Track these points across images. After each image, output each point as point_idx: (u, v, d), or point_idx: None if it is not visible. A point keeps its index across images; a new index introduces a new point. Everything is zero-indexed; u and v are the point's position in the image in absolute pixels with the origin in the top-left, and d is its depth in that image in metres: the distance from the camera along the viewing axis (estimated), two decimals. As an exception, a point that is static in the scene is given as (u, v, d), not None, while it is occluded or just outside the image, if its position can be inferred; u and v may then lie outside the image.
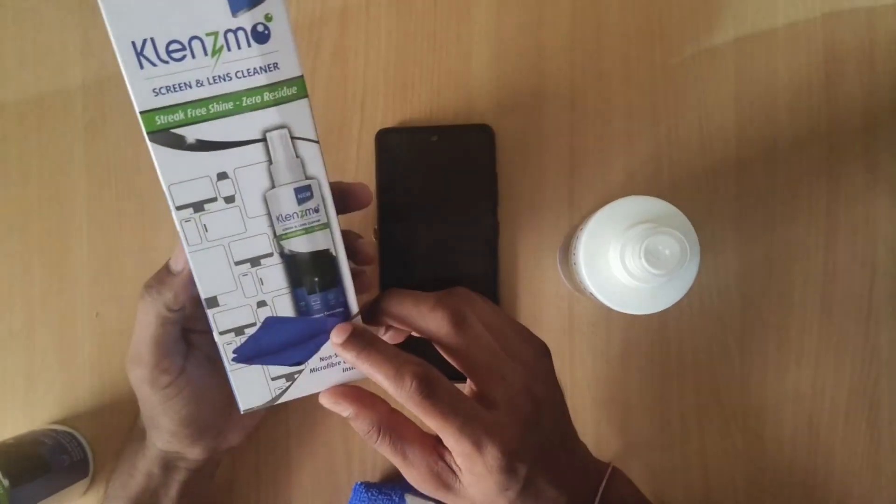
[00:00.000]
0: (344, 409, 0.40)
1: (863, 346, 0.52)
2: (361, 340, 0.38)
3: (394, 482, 0.52)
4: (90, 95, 0.55)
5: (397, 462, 0.40)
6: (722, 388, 0.52)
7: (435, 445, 0.39)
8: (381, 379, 0.37)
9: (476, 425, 0.36)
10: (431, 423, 0.37)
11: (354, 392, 0.40)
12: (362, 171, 0.54)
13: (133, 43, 0.31)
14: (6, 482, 0.45)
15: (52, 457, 0.50)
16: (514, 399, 0.38)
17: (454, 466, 0.39)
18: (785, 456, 0.52)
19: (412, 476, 0.40)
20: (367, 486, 0.51)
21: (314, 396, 0.53)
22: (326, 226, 0.36)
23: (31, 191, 0.55)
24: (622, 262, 0.39)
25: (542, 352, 0.41)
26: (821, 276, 0.52)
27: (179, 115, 0.31)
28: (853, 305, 0.52)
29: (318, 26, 0.54)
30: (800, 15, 0.52)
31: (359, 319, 0.39)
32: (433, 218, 0.52)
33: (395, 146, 0.53)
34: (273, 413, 0.53)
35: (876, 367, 0.51)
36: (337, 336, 0.38)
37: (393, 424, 0.40)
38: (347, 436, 0.53)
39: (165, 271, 0.39)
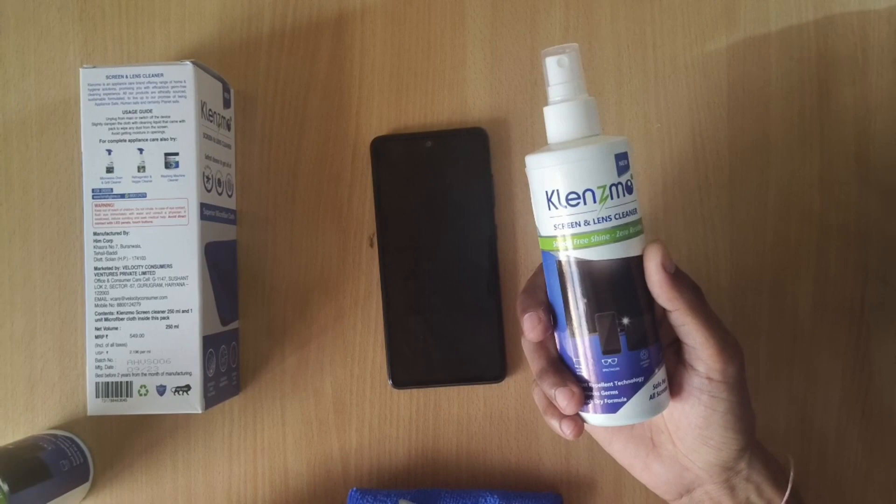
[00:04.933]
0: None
1: (854, 352, 0.52)
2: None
3: (388, 488, 0.53)
4: (90, 104, 0.55)
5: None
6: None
7: None
8: None
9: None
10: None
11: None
12: (358, 177, 0.54)
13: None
14: (6, 487, 0.46)
15: (52, 461, 0.50)
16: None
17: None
18: (778, 461, 0.52)
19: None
20: (363, 492, 0.51)
21: (308, 399, 0.54)
22: None
23: (33, 197, 0.56)
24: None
25: None
26: (812, 282, 0.52)
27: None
28: (845, 311, 0.52)
29: (313, 35, 0.54)
30: (792, 21, 0.52)
31: None
32: (431, 223, 0.53)
33: (390, 153, 0.53)
34: (269, 418, 0.54)
35: (867, 372, 0.52)
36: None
37: None
38: (344, 441, 0.54)
39: None
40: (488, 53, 0.54)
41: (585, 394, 0.39)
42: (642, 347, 0.38)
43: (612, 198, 0.38)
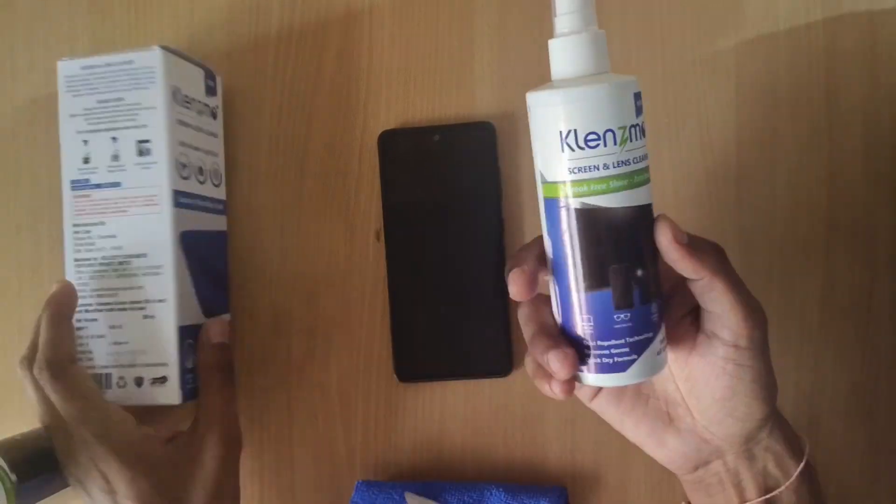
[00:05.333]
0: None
1: (862, 349, 0.52)
2: None
3: (394, 480, 0.53)
4: (98, 97, 0.55)
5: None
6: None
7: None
8: None
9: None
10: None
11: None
12: (365, 172, 0.54)
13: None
14: (14, 477, 0.46)
15: (60, 453, 0.50)
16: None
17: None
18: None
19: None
20: (369, 484, 0.51)
21: (314, 392, 0.54)
22: None
23: (41, 189, 0.56)
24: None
25: None
26: (821, 278, 0.52)
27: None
28: (853, 308, 0.52)
29: (321, 30, 0.55)
30: (801, 20, 0.52)
31: None
32: (438, 217, 0.53)
33: (397, 147, 0.53)
34: (276, 411, 0.54)
35: (875, 369, 0.52)
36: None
37: None
38: (350, 434, 0.54)
39: None
40: (496, 47, 0.54)
41: (586, 353, 0.37)
42: (653, 301, 0.36)
43: (630, 140, 0.35)
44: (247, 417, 0.54)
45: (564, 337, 0.37)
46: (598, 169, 0.35)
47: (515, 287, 0.37)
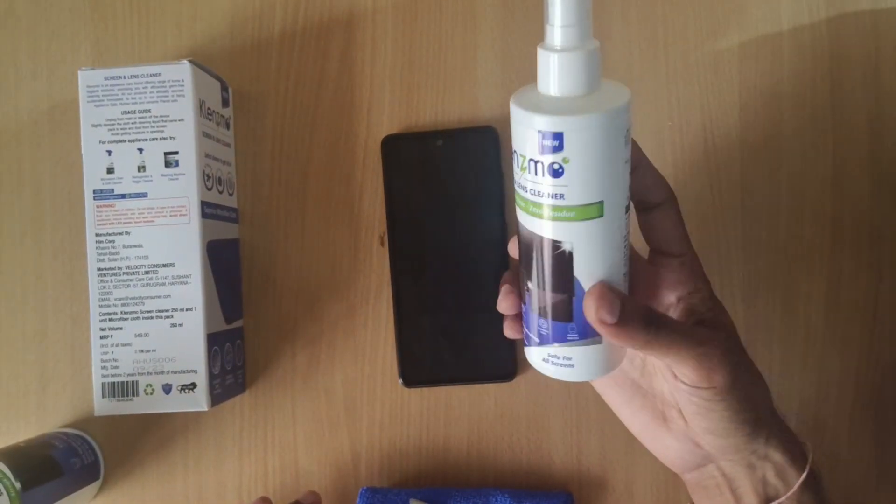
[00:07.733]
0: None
1: (868, 351, 0.51)
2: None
3: (399, 486, 0.53)
4: (101, 103, 0.55)
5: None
6: (727, 393, 0.52)
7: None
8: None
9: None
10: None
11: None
12: (368, 176, 0.54)
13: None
14: (18, 484, 0.46)
15: (64, 459, 0.50)
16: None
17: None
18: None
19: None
20: (373, 490, 0.51)
21: (319, 398, 0.54)
22: None
23: (44, 196, 0.56)
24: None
25: None
26: (825, 281, 0.52)
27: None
28: (858, 310, 0.52)
29: (324, 34, 0.55)
30: (804, 20, 0.52)
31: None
32: (441, 221, 0.53)
33: (401, 152, 0.53)
34: (280, 417, 0.54)
35: (881, 371, 0.51)
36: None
37: None
38: (354, 440, 0.54)
39: None
40: (499, 52, 0.54)
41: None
42: (541, 317, 0.37)
43: (529, 172, 0.34)
44: (251, 423, 0.54)
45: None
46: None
47: (504, 303, 0.40)
